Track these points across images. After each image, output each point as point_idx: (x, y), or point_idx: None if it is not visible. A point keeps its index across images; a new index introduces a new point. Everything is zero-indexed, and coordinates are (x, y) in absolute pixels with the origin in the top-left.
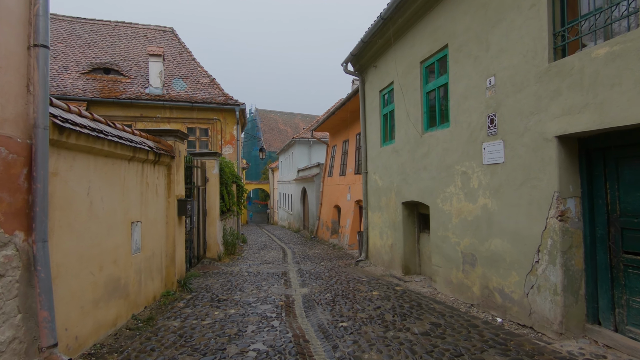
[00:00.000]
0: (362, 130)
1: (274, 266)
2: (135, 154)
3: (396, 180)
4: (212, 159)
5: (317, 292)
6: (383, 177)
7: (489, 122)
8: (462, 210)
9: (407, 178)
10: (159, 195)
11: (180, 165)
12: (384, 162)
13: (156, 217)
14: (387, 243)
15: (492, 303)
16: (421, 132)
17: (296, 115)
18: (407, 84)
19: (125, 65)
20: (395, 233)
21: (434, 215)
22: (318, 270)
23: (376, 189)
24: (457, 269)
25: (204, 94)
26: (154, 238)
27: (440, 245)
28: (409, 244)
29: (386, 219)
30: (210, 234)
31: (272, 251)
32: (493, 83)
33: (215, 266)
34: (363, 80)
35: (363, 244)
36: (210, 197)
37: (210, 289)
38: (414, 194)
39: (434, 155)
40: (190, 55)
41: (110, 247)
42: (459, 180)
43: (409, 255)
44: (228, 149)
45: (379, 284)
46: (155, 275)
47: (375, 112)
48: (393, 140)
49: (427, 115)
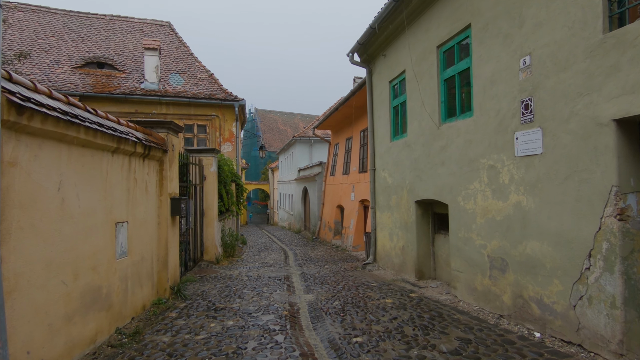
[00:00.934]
0: (370, 125)
1: (276, 269)
2: (120, 145)
3: (408, 177)
4: (209, 155)
5: (323, 299)
6: (393, 174)
7: (523, 108)
8: (489, 209)
9: (421, 174)
10: (150, 193)
11: (174, 161)
12: (395, 157)
13: (146, 217)
14: (398, 245)
15: (527, 315)
16: (438, 123)
17: (296, 115)
18: (422, 71)
19: (120, 60)
20: (408, 234)
21: (454, 214)
22: (323, 274)
23: (385, 187)
24: (483, 274)
25: (202, 89)
26: (144, 240)
27: (461, 248)
28: (423, 246)
29: (397, 219)
30: (207, 235)
31: (273, 253)
32: (528, 63)
33: (213, 270)
34: (370, 71)
35: (371, 246)
36: (208, 196)
37: (206, 295)
38: (430, 192)
39: (454, 149)
40: (187, 50)
41: (88, 251)
42: (485, 176)
43: (422, 258)
44: (227, 146)
45: (391, 290)
46: (145, 281)
47: (384, 105)
48: (405, 133)
49: (445, 105)
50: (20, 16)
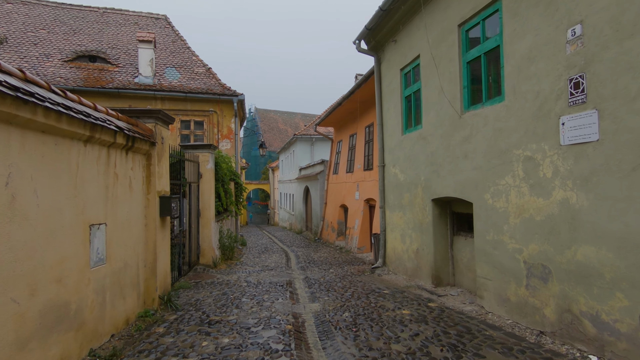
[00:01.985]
0: (378, 118)
1: (277, 273)
2: (94, 134)
3: (424, 172)
4: (205, 151)
5: (331, 309)
6: (406, 170)
7: (572, 88)
8: (526, 208)
9: (439, 170)
10: (135, 191)
11: (164, 155)
12: (407, 152)
13: (130, 219)
14: (411, 248)
15: (577, 333)
16: (460, 111)
17: (296, 114)
18: (441, 54)
19: (113, 54)
20: (423, 236)
21: (480, 214)
22: (328, 278)
23: (396, 185)
24: (518, 283)
25: (199, 84)
26: (127, 245)
27: (489, 252)
28: (441, 249)
29: (410, 220)
30: (204, 237)
31: (273, 255)
32: (579, 34)
33: (210, 274)
34: (379, 60)
35: (380, 249)
36: (204, 195)
37: (200, 305)
38: (450, 189)
39: (480, 139)
40: (184, 43)
41: (51, 260)
42: (520, 169)
43: (440, 262)
44: (225, 143)
45: (406, 298)
46: (129, 291)
47: (395, 95)
48: (419, 125)
49: (468, 91)
50: (9, 8)
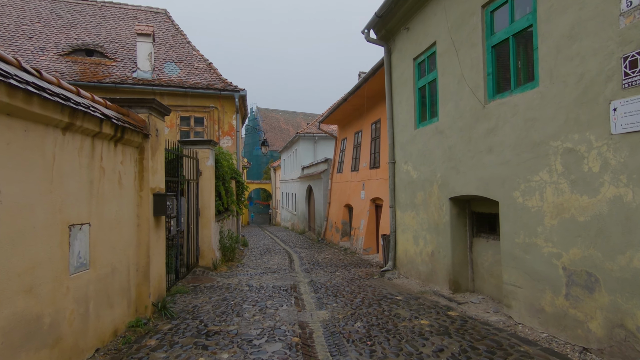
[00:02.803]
0: (388, 112)
1: (280, 276)
2: (75, 121)
3: (440, 169)
4: (205, 148)
5: (341, 317)
6: (419, 166)
7: (627, 67)
8: (566, 207)
9: (458, 166)
10: (125, 188)
11: (159, 149)
12: (421, 147)
13: (119, 218)
14: (425, 250)
15: (633, 352)
16: (484, 101)
17: (298, 114)
18: (461, 39)
19: (111, 48)
20: (439, 238)
21: (508, 214)
22: (335, 282)
23: (408, 183)
24: (555, 292)
25: (199, 79)
26: (116, 247)
27: (519, 257)
28: (459, 252)
29: (424, 220)
30: (203, 238)
31: (276, 256)
32: (636, 3)
33: (209, 277)
34: (389, 50)
35: (389, 251)
36: (204, 194)
37: (198, 313)
38: (471, 186)
39: (508, 131)
40: (184, 38)
41: (19, 266)
42: (559, 163)
43: (458, 267)
44: (226, 140)
45: (422, 306)
46: (118, 299)
47: (407, 87)
48: (435, 118)
49: (492, 78)
50: (4, 1)
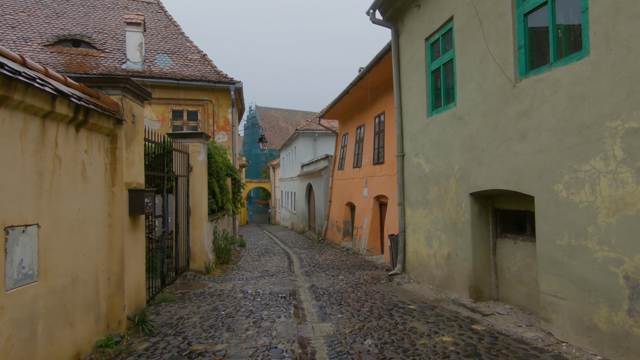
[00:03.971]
0: (396, 100)
1: (278, 280)
2: (11, 94)
3: (458, 161)
4: (196, 141)
5: (348, 332)
6: (432, 159)
7: None
8: (629, 201)
9: (480, 156)
10: (91, 182)
11: (136, 138)
12: (434, 137)
13: (83, 218)
14: (440, 252)
15: None
16: (514, 79)
17: (297, 112)
18: (485, 10)
19: (99, 38)
20: (457, 239)
21: (547, 211)
22: (339, 287)
23: (420, 177)
24: (613, 306)
25: (193, 70)
26: (78, 253)
27: (563, 262)
28: (481, 255)
29: (438, 219)
30: (195, 239)
31: (274, 257)
32: None
33: (201, 282)
34: (397, 32)
35: (398, 253)
36: (195, 191)
37: (182, 326)
38: (498, 179)
39: (546, 112)
40: (177, 28)
41: None
42: (618, 148)
43: (480, 271)
44: (222, 135)
45: (441, 317)
46: (81, 315)
47: (418, 70)
48: (452, 103)
49: (525, 51)
50: None
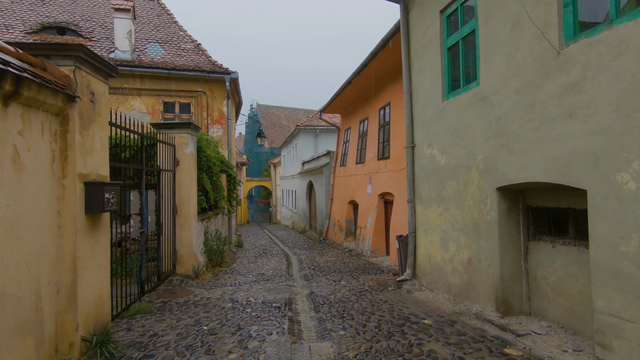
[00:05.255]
0: (406, 85)
1: (274, 286)
2: None
3: (482, 150)
4: (183, 132)
5: (352, 356)
6: (449, 149)
7: None
8: None
9: (511, 142)
10: (28, 172)
11: (97, 120)
12: (452, 124)
13: (15, 217)
14: (458, 257)
15: None
16: (558, 44)
17: (299, 110)
18: None
19: (87, 26)
20: (480, 241)
21: (606, 208)
22: (341, 296)
23: (433, 171)
24: None
25: (186, 60)
26: (8, 262)
27: (631, 274)
28: (510, 260)
29: (456, 218)
30: (182, 240)
31: (272, 259)
32: None
33: (187, 289)
34: (406, 7)
35: (408, 256)
36: (182, 187)
37: (153, 348)
38: (535, 170)
39: (604, 82)
40: (171, 17)
41: None
42: None
43: (509, 280)
44: (217, 129)
45: (463, 337)
46: (11, 342)
47: (432, 49)
48: (474, 82)
49: (574, 9)
50: None
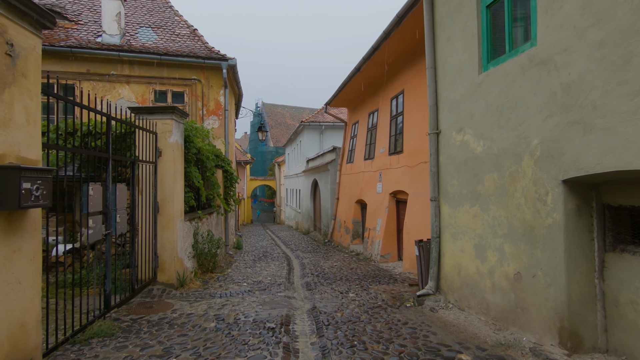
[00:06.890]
0: (429, 59)
1: (270, 297)
2: None
3: (540, 130)
4: (167, 117)
5: None
6: (488, 132)
7: None
8: None
9: (588, 117)
10: None
11: (18, 83)
12: (493, 100)
13: None
14: (500, 270)
15: None
16: None
17: (304, 109)
18: None
19: (74, 9)
20: (534, 250)
21: None
22: (349, 313)
23: (466, 161)
24: None
25: (180, 46)
26: None
27: None
28: (580, 278)
29: (498, 220)
30: (164, 243)
31: (272, 263)
32: None
33: (165, 302)
34: None
35: (430, 265)
36: (165, 181)
37: None
38: (629, 153)
39: None
40: (165, 1)
41: None
42: None
43: (578, 305)
44: (213, 121)
45: None
46: None
47: (464, 10)
48: (527, 43)
49: None
50: None
